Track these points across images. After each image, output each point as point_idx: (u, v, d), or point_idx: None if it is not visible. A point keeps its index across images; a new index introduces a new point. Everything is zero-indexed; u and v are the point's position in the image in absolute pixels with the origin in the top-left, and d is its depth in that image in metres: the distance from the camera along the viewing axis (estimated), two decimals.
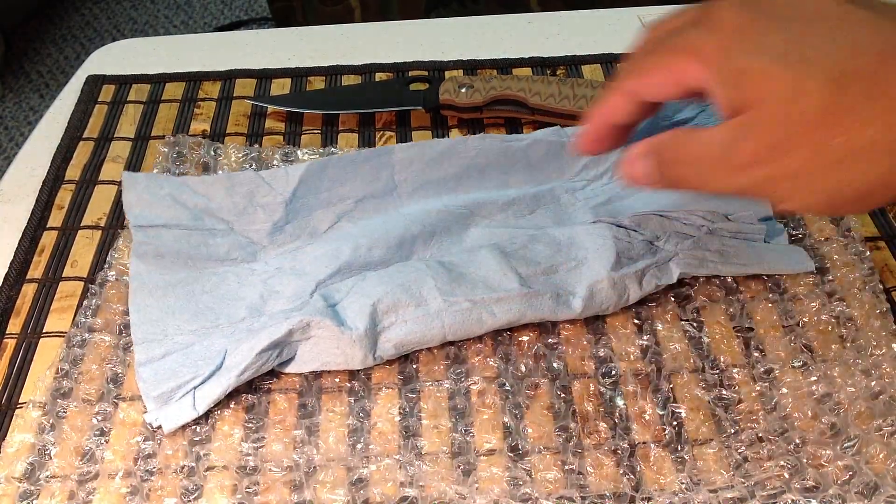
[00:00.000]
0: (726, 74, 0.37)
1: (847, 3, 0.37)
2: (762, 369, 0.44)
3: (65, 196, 0.57)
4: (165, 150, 0.58)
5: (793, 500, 0.39)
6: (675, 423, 0.42)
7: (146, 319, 0.46)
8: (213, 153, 0.58)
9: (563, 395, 0.44)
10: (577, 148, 0.44)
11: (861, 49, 0.35)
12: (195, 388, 0.43)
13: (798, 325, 0.46)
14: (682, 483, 0.40)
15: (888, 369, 0.43)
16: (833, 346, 0.45)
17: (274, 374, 0.45)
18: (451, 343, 0.46)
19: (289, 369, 0.44)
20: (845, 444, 0.40)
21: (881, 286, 0.48)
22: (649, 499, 0.39)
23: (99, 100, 0.65)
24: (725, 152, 0.37)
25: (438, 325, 0.44)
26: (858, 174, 0.35)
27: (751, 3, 0.39)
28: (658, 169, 0.41)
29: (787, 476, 0.40)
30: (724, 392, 0.43)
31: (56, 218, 0.55)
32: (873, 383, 0.43)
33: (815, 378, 0.43)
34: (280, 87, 0.66)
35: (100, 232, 0.54)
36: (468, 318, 0.45)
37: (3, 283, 0.51)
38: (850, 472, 0.39)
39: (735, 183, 0.38)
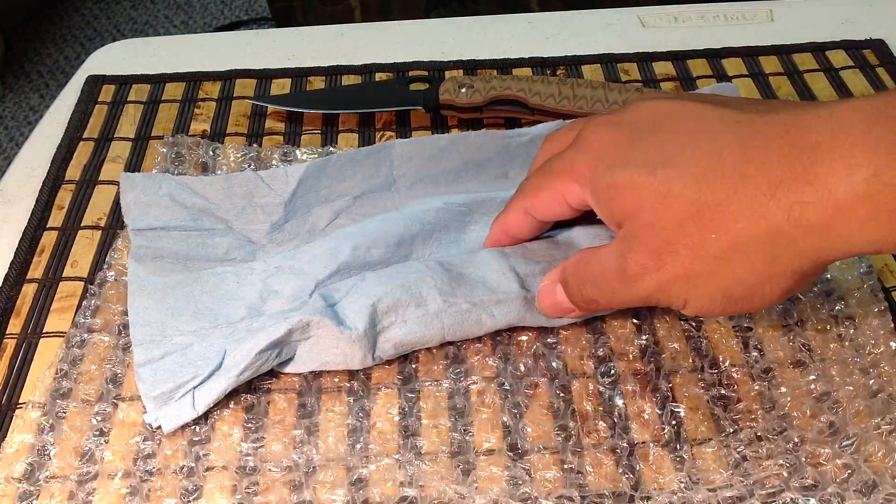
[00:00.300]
0: (599, 192, 0.39)
1: (705, 105, 0.38)
2: (761, 368, 0.44)
3: (65, 196, 0.57)
4: (164, 150, 0.58)
5: (792, 499, 0.39)
6: (674, 422, 0.42)
7: (145, 321, 0.46)
8: (211, 153, 0.58)
9: (562, 395, 0.44)
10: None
11: (722, 143, 0.35)
12: (194, 387, 0.43)
13: (797, 324, 0.46)
14: (681, 482, 0.40)
15: (886, 367, 0.43)
16: (832, 345, 0.45)
17: (273, 374, 0.45)
18: (451, 343, 0.46)
19: (288, 369, 0.44)
20: (844, 443, 0.40)
21: (880, 285, 0.48)
22: (648, 498, 0.39)
23: (99, 100, 0.65)
24: (618, 267, 0.38)
25: (438, 325, 0.44)
26: (741, 269, 0.35)
27: (615, 121, 0.40)
28: (571, 296, 0.42)
29: (785, 475, 0.40)
30: (723, 391, 0.43)
31: (56, 218, 0.55)
32: (871, 381, 0.43)
33: (813, 377, 0.43)
34: (280, 87, 0.66)
35: (100, 232, 0.54)
36: (467, 319, 0.45)
37: (3, 283, 0.51)
38: (849, 471, 0.39)
39: (634, 294, 0.39)
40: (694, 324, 0.47)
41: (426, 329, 0.44)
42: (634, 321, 0.47)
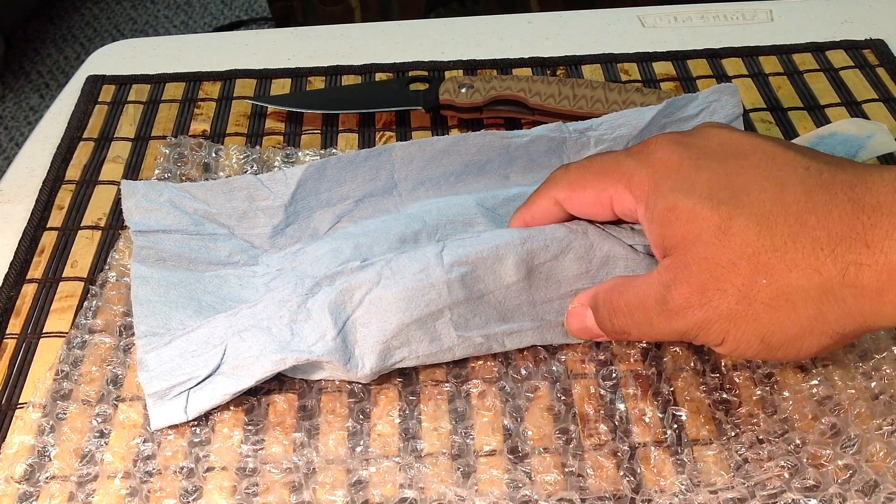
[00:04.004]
0: (655, 212, 0.38)
1: (779, 145, 0.37)
2: (763, 373, 0.44)
3: (65, 196, 0.57)
4: (167, 150, 0.58)
5: (793, 500, 0.39)
6: (675, 425, 0.42)
7: (150, 312, 0.46)
8: (214, 154, 0.58)
9: (563, 398, 0.44)
10: None
11: (788, 189, 0.35)
12: (190, 388, 0.43)
13: None
14: (683, 485, 0.40)
15: (888, 371, 0.43)
16: (834, 352, 0.45)
17: (274, 375, 0.45)
18: None
19: (289, 373, 0.44)
20: (845, 444, 0.40)
21: None
22: (649, 500, 0.39)
23: (99, 100, 0.65)
24: (660, 298, 0.37)
25: (449, 356, 0.44)
26: (785, 318, 0.35)
27: (685, 142, 0.39)
28: (600, 323, 0.41)
29: (787, 476, 0.40)
30: (724, 395, 0.43)
31: (56, 218, 0.55)
32: (873, 384, 0.43)
33: (815, 382, 0.43)
34: (280, 87, 0.66)
35: (100, 232, 0.54)
36: (479, 349, 0.45)
37: (3, 283, 0.51)
38: (851, 471, 0.39)
39: (673, 328, 0.38)
40: None
41: (436, 360, 0.44)
42: None
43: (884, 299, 0.33)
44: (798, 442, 0.41)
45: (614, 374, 0.44)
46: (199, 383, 0.43)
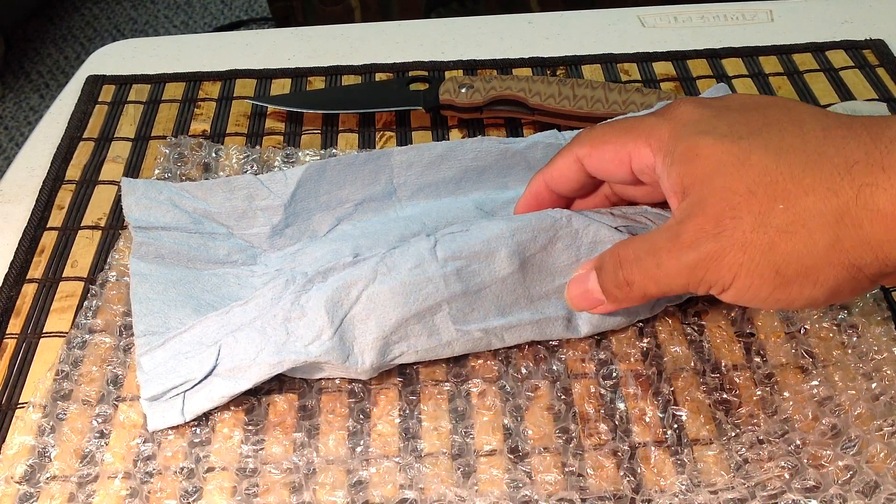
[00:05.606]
0: (676, 154, 0.39)
1: (796, 101, 0.39)
2: (763, 374, 0.44)
3: (65, 196, 0.57)
4: (167, 150, 0.58)
5: (793, 500, 0.39)
6: (675, 425, 0.42)
7: (148, 311, 0.46)
8: (214, 154, 0.58)
9: (563, 397, 0.44)
10: (517, 210, 0.47)
11: (807, 126, 0.36)
12: (186, 391, 0.43)
13: (799, 331, 0.46)
14: (683, 485, 0.40)
15: (889, 372, 0.43)
16: (835, 353, 0.45)
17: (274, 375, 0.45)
18: None
19: (289, 373, 0.44)
20: (846, 445, 0.40)
21: (882, 293, 0.47)
22: (650, 500, 0.39)
23: (99, 100, 0.65)
24: (671, 236, 0.38)
25: (448, 351, 0.44)
26: (801, 244, 0.35)
27: (706, 102, 0.41)
28: (604, 282, 0.41)
29: (787, 476, 0.40)
30: (724, 395, 0.43)
31: (56, 218, 0.55)
32: (874, 385, 0.43)
33: (816, 382, 0.43)
34: (280, 87, 0.66)
35: (100, 232, 0.54)
36: (478, 345, 0.45)
37: (3, 283, 0.51)
38: (851, 472, 0.39)
39: (681, 264, 0.37)
40: (696, 328, 0.46)
41: (435, 355, 0.44)
42: (636, 324, 0.47)
43: None
44: (798, 442, 0.41)
45: (614, 374, 0.44)
46: (195, 385, 0.43)
